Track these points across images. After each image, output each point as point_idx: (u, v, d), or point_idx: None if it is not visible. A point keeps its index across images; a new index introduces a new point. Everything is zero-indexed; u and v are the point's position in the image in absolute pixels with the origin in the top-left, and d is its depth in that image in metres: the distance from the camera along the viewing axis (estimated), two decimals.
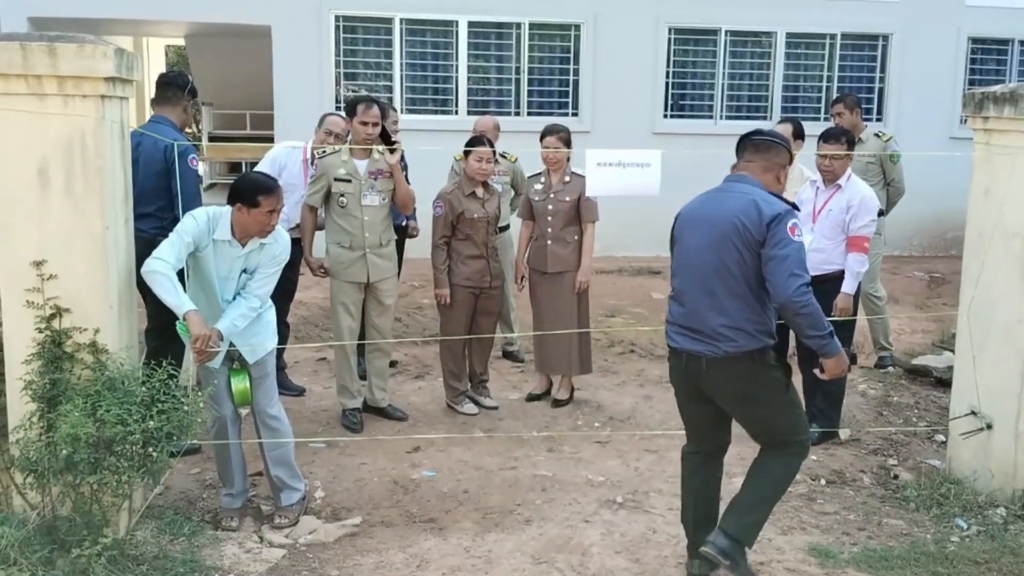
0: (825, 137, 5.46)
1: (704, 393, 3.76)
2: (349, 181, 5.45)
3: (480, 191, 5.81)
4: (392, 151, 5.49)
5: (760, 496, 3.78)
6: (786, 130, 6.03)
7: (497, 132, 6.93)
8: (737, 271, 3.59)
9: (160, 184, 4.98)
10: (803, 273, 3.51)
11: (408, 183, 6.01)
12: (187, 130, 5.60)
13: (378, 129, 5.43)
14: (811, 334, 3.57)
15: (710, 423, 3.88)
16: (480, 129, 6.84)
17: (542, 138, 5.98)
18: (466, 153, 5.81)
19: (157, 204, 4.97)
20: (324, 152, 5.54)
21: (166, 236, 4.14)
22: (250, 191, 4.09)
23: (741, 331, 3.60)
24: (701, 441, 3.95)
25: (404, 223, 6.54)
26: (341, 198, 5.45)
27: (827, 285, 5.20)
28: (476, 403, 6.00)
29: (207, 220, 4.16)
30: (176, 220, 4.38)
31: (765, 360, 3.66)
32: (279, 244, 4.29)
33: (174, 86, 5.23)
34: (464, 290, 5.82)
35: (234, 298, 4.26)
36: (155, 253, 4.02)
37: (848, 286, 5.34)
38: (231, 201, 4.13)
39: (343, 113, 5.85)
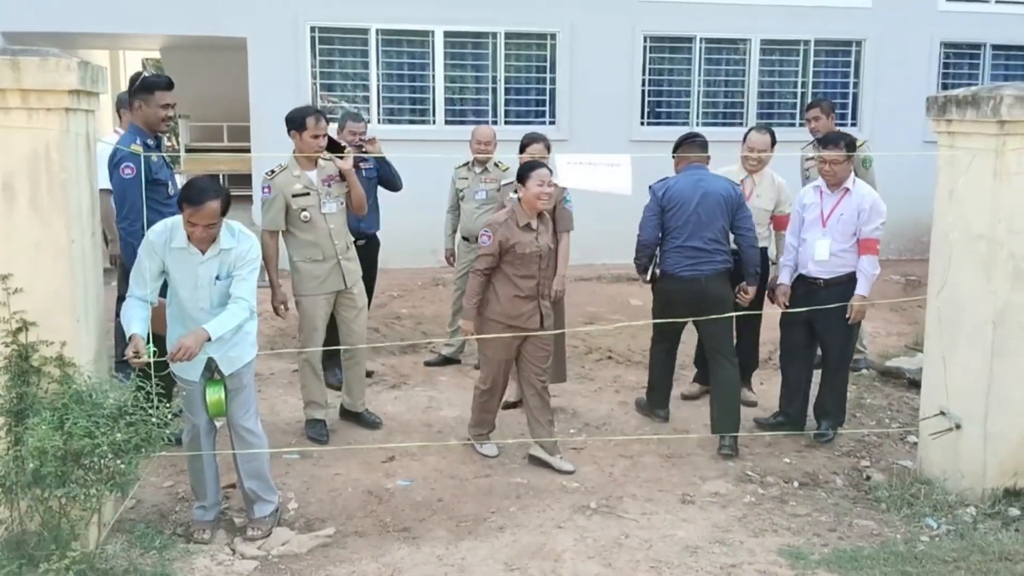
0: (824, 142, 5.58)
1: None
2: (308, 194, 5.39)
3: (535, 222, 5.21)
4: (342, 157, 5.46)
5: (731, 396, 5.43)
6: (765, 140, 6.10)
7: (495, 142, 6.91)
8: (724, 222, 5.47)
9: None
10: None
11: (400, 183, 6.43)
12: (165, 138, 5.49)
13: (326, 140, 5.42)
14: (754, 266, 5.60)
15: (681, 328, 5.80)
16: (480, 139, 6.81)
17: (524, 147, 5.96)
18: (520, 178, 5.21)
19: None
20: (272, 172, 5.42)
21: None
22: (183, 199, 4.06)
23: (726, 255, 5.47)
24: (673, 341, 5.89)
25: (375, 232, 6.54)
26: (303, 213, 5.37)
27: (841, 287, 5.48)
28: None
29: (164, 231, 4.16)
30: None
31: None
32: (242, 245, 4.21)
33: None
34: (505, 328, 5.13)
35: (218, 305, 4.21)
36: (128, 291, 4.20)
37: (863, 288, 5.50)
38: (179, 208, 4.11)
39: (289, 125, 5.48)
